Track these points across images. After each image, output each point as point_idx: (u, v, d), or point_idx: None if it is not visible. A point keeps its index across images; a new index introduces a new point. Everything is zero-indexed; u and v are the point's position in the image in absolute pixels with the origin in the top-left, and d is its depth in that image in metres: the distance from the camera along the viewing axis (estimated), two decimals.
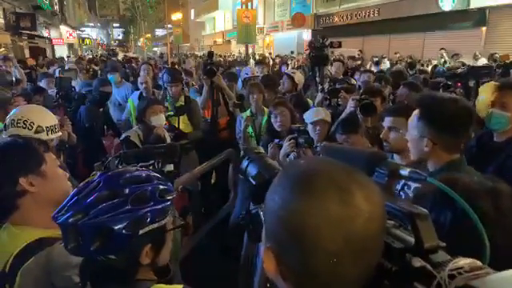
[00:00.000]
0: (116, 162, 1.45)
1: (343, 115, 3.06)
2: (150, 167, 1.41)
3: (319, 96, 3.66)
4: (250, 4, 15.24)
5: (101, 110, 4.39)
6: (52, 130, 2.16)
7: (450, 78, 2.64)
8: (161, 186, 1.08)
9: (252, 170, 0.98)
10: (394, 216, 0.70)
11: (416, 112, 1.63)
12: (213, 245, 3.54)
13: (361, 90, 3.68)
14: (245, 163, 1.02)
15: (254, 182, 0.95)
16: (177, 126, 4.02)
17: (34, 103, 3.40)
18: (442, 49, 12.43)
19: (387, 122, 2.14)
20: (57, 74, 6.19)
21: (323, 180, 0.62)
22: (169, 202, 1.08)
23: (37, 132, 2.07)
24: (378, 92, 3.40)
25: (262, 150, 1.10)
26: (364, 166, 0.86)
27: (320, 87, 3.73)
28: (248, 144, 3.85)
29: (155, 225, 1.02)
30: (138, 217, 1.00)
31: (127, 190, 1.01)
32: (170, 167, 1.44)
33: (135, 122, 4.85)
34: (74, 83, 4.35)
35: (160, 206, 1.04)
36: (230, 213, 4.03)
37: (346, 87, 3.51)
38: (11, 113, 2.19)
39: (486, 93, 2.52)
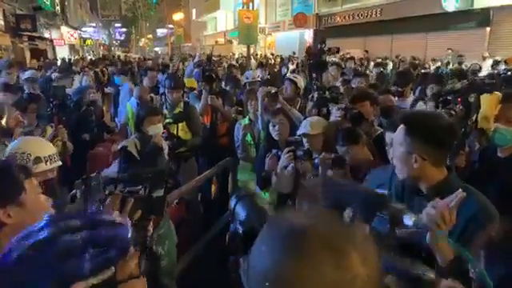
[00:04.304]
0: (101, 186, 1.38)
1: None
2: (139, 192, 1.35)
3: (309, 105, 3.59)
4: (251, 4, 15.14)
5: None
6: (51, 159, 2.14)
7: (449, 94, 2.56)
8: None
9: (241, 212, 0.92)
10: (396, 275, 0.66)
11: (401, 128, 1.61)
12: (211, 257, 3.48)
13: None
14: (233, 202, 0.96)
15: (241, 229, 0.88)
16: (175, 133, 3.96)
17: (28, 112, 3.35)
18: (449, 49, 12.31)
19: (388, 138, 2.08)
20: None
21: (316, 240, 0.58)
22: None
23: (35, 163, 2.06)
24: (367, 96, 3.29)
25: (252, 187, 1.04)
26: (364, 209, 0.80)
27: (310, 96, 3.66)
28: (247, 152, 3.79)
29: None
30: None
31: None
32: (159, 192, 1.37)
33: (133, 128, 4.82)
34: (69, 91, 4.29)
35: None
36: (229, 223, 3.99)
37: (333, 97, 3.42)
38: (9, 146, 2.21)
39: (488, 104, 2.46)
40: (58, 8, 24.58)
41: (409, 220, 0.76)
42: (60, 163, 2.23)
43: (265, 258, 0.60)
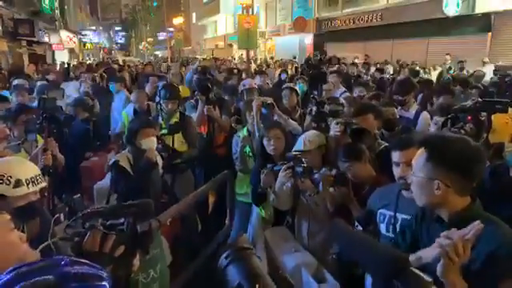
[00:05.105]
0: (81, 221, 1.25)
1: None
2: (123, 225, 1.22)
3: (308, 119, 3.46)
4: (250, 10, 15.08)
5: None
6: (33, 181, 1.95)
7: (459, 112, 2.43)
8: None
9: (233, 276, 0.80)
10: None
11: (421, 152, 1.48)
12: (211, 275, 3.33)
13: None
14: (224, 262, 0.83)
15: None
16: (171, 144, 3.83)
17: (18, 124, 3.23)
18: (448, 54, 12.20)
19: (395, 157, 1.95)
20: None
21: None
22: None
23: (16, 186, 1.88)
24: (370, 108, 3.15)
25: (249, 244, 0.91)
26: (381, 274, 0.70)
27: (308, 109, 3.53)
28: (245, 165, 3.66)
29: None
30: None
31: None
32: (144, 226, 1.25)
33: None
34: (61, 103, 4.17)
35: None
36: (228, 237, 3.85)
37: (333, 110, 3.27)
38: None
39: (500, 116, 2.34)
40: (57, 12, 24.52)
41: None
42: (45, 184, 2.08)
43: None
